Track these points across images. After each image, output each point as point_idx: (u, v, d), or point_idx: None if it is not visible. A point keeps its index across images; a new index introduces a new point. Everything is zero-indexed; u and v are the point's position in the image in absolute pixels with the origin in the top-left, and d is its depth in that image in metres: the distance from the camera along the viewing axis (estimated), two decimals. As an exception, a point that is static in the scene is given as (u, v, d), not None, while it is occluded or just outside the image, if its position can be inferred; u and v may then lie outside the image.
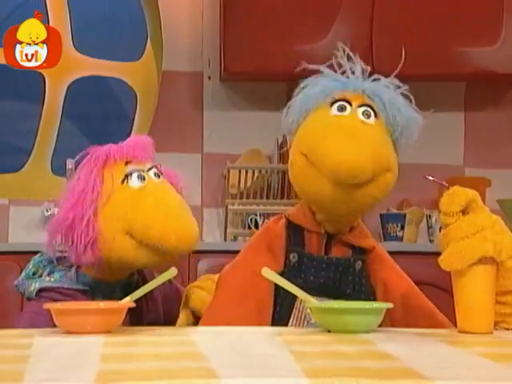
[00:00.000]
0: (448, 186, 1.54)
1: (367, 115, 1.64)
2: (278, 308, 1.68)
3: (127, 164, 1.72)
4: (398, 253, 1.94)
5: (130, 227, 1.68)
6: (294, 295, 1.58)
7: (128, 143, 1.76)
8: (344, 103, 1.65)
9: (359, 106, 1.65)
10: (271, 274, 1.54)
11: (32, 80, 3.58)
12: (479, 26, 3.53)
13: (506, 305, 1.50)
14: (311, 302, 1.51)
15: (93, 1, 3.77)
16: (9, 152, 3.72)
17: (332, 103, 1.65)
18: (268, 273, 1.53)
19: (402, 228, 3.50)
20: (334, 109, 1.65)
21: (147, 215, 1.69)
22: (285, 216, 1.74)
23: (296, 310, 1.68)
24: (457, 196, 1.49)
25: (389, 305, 1.49)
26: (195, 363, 1.09)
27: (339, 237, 1.71)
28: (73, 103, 3.70)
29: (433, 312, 1.71)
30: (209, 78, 3.75)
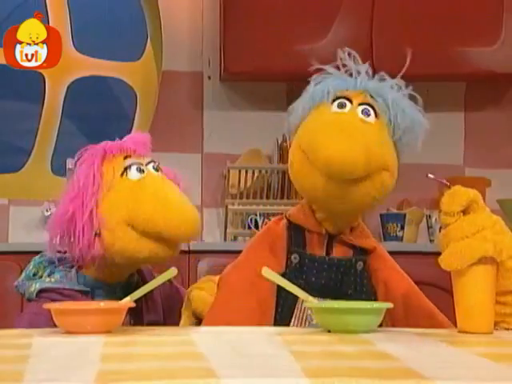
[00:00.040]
0: (449, 185, 1.54)
1: (366, 114, 1.64)
2: (280, 309, 1.68)
3: (126, 158, 1.74)
4: (398, 253, 1.94)
5: (132, 218, 1.69)
6: (296, 296, 1.58)
7: (127, 139, 1.78)
8: (344, 101, 1.65)
9: (359, 105, 1.65)
10: (271, 274, 1.54)
11: (32, 80, 3.58)
12: (479, 26, 3.53)
13: (506, 305, 1.50)
14: (311, 302, 1.51)
15: (93, 1, 3.78)
16: (9, 152, 3.72)
17: (333, 100, 1.66)
18: (268, 273, 1.53)
19: (402, 228, 3.50)
20: (335, 106, 1.65)
21: (148, 205, 1.70)
22: (285, 216, 1.74)
23: (297, 311, 1.68)
24: (458, 196, 1.49)
25: (389, 305, 1.49)
26: (195, 363, 1.09)
27: (340, 237, 1.71)
28: (73, 103, 3.70)
29: (433, 312, 1.71)
30: (209, 78, 3.75)
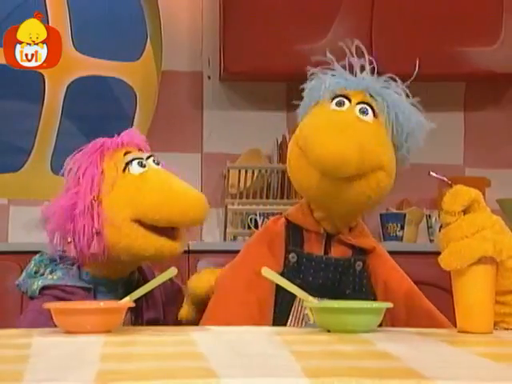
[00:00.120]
0: (451, 184, 1.54)
1: (364, 113, 1.64)
2: (277, 308, 1.68)
3: (126, 154, 1.74)
4: (398, 253, 1.94)
5: (138, 213, 1.69)
6: (293, 295, 1.58)
7: (123, 135, 1.78)
8: (343, 99, 1.66)
9: (358, 103, 1.65)
10: (271, 274, 1.54)
11: (32, 80, 3.58)
12: (479, 26, 3.53)
13: (506, 305, 1.50)
14: (311, 302, 1.51)
15: (92, 0, 3.77)
16: (8, 152, 3.72)
17: (333, 98, 1.66)
18: (268, 272, 1.53)
19: (402, 228, 3.50)
20: (333, 104, 1.66)
21: (153, 197, 1.70)
22: (284, 216, 1.75)
23: (294, 311, 1.68)
24: (460, 195, 1.49)
25: (389, 304, 1.49)
26: (195, 363, 1.09)
27: (339, 237, 1.71)
28: (72, 103, 3.69)
29: (433, 313, 1.71)
30: (208, 78, 3.75)
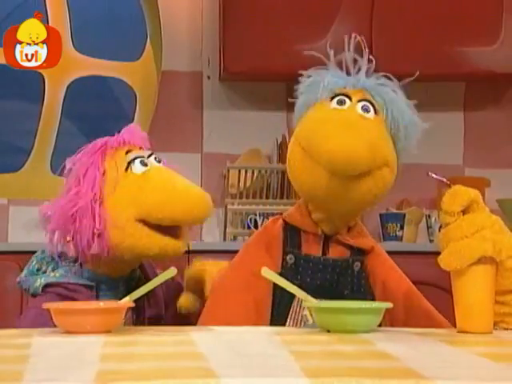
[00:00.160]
0: (450, 184, 1.54)
1: (366, 110, 1.64)
2: (275, 310, 1.68)
3: (128, 153, 1.74)
4: (398, 253, 1.94)
5: (142, 212, 1.68)
6: (291, 297, 1.58)
7: (124, 132, 1.77)
8: (343, 97, 1.65)
9: (358, 101, 1.65)
10: (270, 274, 1.54)
11: (32, 80, 3.58)
12: (479, 26, 3.53)
13: (505, 304, 1.50)
14: (310, 302, 1.51)
15: (92, 0, 3.77)
16: (8, 152, 3.72)
17: (332, 97, 1.66)
18: (267, 272, 1.53)
19: (402, 228, 3.50)
20: (334, 102, 1.66)
21: (157, 195, 1.69)
22: (282, 217, 1.74)
23: (293, 312, 1.68)
24: (459, 195, 1.49)
25: (388, 305, 1.49)
26: (194, 363, 1.09)
27: (337, 237, 1.71)
28: (72, 103, 3.69)
29: (432, 313, 1.71)
30: (208, 78, 3.75)
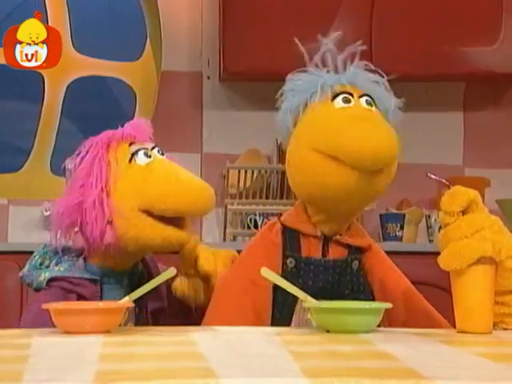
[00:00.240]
0: (449, 185, 1.54)
1: (369, 104, 1.65)
2: (278, 314, 1.67)
3: (131, 145, 1.75)
4: (398, 253, 1.94)
5: (146, 203, 1.69)
6: (294, 301, 1.57)
7: (127, 126, 1.78)
8: (347, 95, 1.65)
9: (360, 97, 1.65)
10: (270, 274, 1.54)
11: (32, 80, 3.57)
12: (478, 26, 3.53)
13: (505, 305, 1.50)
14: (310, 302, 1.51)
15: (92, 0, 3.77)
16: (8, 152, 3.72)
17: (334, 97, 1.65)
18: (267, 273, 1.53)
19: (402, 228, 3.50)
20: (339, 101, 1.64)
21: (161, 186, 1.71)
22: (279, 221, 1.73)
23: (296, 316, 1.67)
24: (458, 196, 1.49)
25: (388, 305, 1.49)
26: (194, 363, 1.09)
27: (336, 238, 1.70)
28: (72, 103, 3.69)
29: (431, 313, 1.71)
30: (208, 78, 3.75)
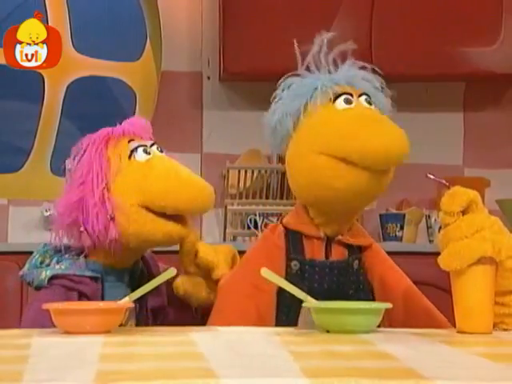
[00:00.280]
0: (449, 186, 1.54)
1: (369, 103, 1.64)
2: (284, 317, 1.65)
3: (130, 141, 1.75)
4: (398, 253, 1.94)
5: (146, 199, 1.70)
6: (297, 309, 1.56)
7: (126, 123, 1.79)
8: (348, 96, 1.64)
9: (359, 96, 1.65)
10: (270, 275, 1.54)
11: (32, 80, 3.57)
12: (478, 26, 3.53)
13: (505, 305, 1.50)
14: (310, 302, 1.51)
15: (92, 1, 3.77)
16: (8, 152, 3.72)
17: (335, 98, 1.64)
18: (267, 273, 1.53)
19: (402, 228, 3.50)
20: (340, 103, 1.64)
21: (161, 183, 1.71)
22: (281, 224, 1.72)
23: (302, 318, 1.66)
24: (458, 196, 1.49)
25: (388, 305, 1.49)
26: (194, 363, 1.09)
27: (338, 238, 1.70)
28: (72, 103, 3.69)
29: (433, 312, 1.71)
30: (208, 78, 3.75)
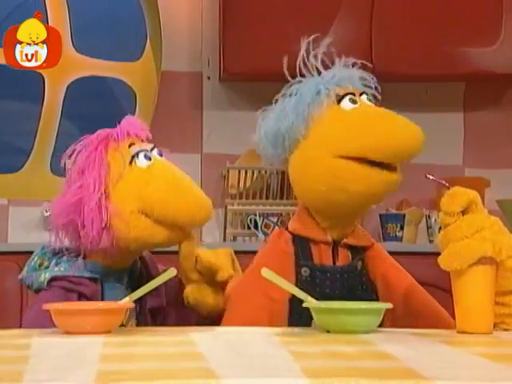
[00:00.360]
0: (448, 186, 1.54)
1: (370, 100, 1.64)
2: (296, 324, 1.64)
3: (131, 146, 1.74)
4: (398, 253, 1.93)
5: (145, 206, 1.69)
6: (309, 319, 1.56)
7: (124, 125, 1.77)
8: (352, 96, 1.64)
9: (360, 95, 1.65)
10: (270, 274, 1.53)
11: (32, 80, 3.57)
12: (479, 27, 3.53)
13: (505, 305, 1.50)
14: (310, 302, 1.51)
15: (92, 1, 3.77)
16: (8, 152, 3.72)
17: (339, 100, 1.64)
18: (267, 273, 1.53)
19: (402, 228, 3.50)
20: (346, 103, 1.64)
21: (161, 193, 1.71)
22: (287, 230, 1.71)
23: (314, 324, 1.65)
24: (458, 196, 1.49)
25: (388, 305, 1.49)
26: (195, 363, 1.09)
27: (344, 241, 1.70)
28: (72, 103, 3.69)
29: (437, 309, 1.70)
30: (208, 79, 3.75)
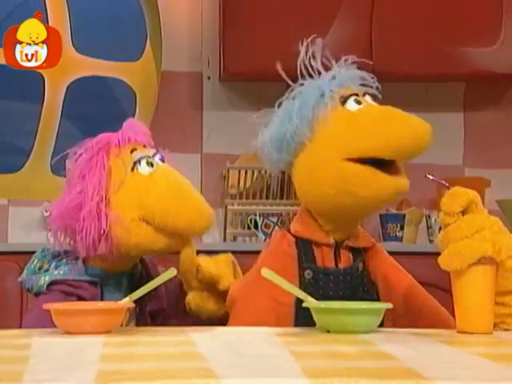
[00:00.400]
0: (448, 186, 1.54)
1: (373, 100, 1.64)
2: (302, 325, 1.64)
3: (133, 151, 1.73)
4: (398, 253, 1.93)
5: (146, 214, 1.69)
6: (315, 323, 1.56)
7: (126, 129, 1.76)
8: (357, 96, 1.64)
9: (363, 95, 1.64)
10: (271, 274, 1.53)
11: (32, 80, 3.57)
12: (479, 27, 3.53)
13: (505, 305, 1.50)
14: (310, 302, 1.51)
15: (92, 1, 3.77)
16: (8, 152, 3.72)
17: (344, 101, 1.63)
18: (267, 273, 1.53)
19: (402, 228, 3.50)
20: (351, 104, 1.63)
21: (162, 201, 1.70)
22: (290, 233, 1.71)
23: None
24: (458, 196, 1.49)
25: (388, 305, 1.49)
26: (195, 363, 1.09)
27: (346, 243, 1.70)
28: (72, 103, 3.69)
29: (438, 309, 1.70)
30: (208, 79, 3.75)
